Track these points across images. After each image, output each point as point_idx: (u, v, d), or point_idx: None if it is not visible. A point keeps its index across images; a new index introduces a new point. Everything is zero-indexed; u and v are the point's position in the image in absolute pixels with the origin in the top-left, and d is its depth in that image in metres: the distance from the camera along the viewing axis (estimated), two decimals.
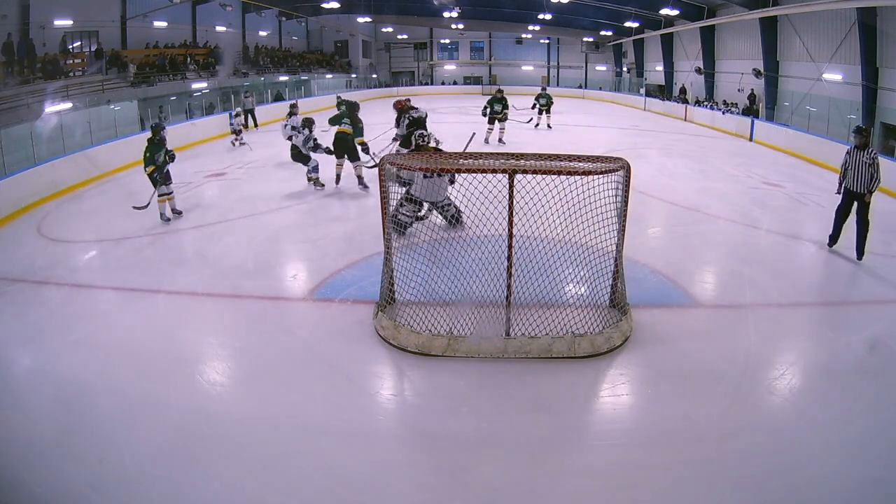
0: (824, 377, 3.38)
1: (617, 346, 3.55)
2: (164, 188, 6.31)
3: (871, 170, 5.18)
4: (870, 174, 5.18)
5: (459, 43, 31.46)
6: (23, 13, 13.02)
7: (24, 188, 7.35)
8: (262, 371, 3.39)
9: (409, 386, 3.31)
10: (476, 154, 4.05)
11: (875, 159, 5.18)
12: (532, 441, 2.78)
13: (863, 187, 5.19)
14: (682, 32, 20.78)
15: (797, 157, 11.25)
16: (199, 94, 16.56)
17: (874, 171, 5.18)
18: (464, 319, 3.61)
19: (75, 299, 4.44)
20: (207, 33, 19.79)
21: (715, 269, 5.09)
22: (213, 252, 5.36)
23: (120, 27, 15.86)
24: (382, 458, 2.67)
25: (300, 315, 4.14)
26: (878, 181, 5.24)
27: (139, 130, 11.25)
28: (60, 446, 2.71)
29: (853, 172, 5.31)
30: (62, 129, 8.98)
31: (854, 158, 5.29)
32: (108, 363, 3.46)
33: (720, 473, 2.55)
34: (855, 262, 5.17)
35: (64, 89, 12.96)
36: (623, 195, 3.88)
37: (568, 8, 21.51)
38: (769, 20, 15.33)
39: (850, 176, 5.33)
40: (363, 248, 5.24)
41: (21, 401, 3.16)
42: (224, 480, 2.50)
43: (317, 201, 7.16)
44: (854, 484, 2.50)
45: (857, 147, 5.30)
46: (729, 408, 3.05)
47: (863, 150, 5.23)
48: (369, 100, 24.57)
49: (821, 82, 14.06)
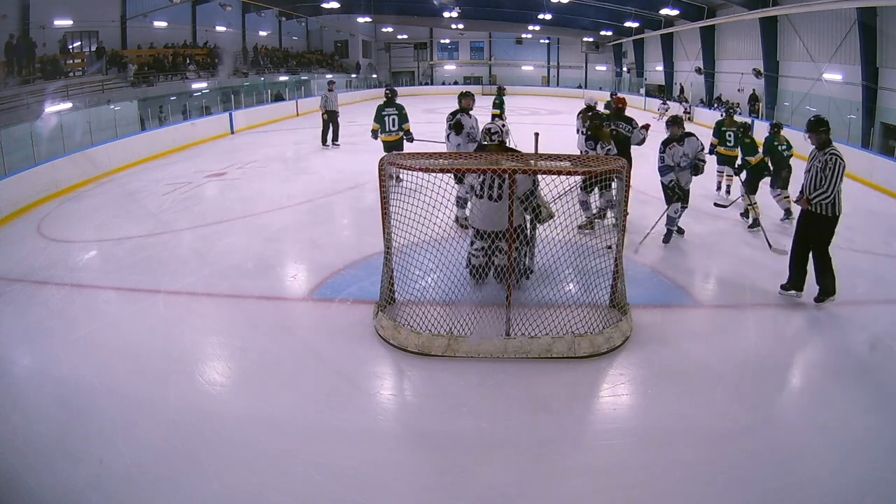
0: (824, 377, 3.38)
1: (617, 346, 3.55)
2: None
3: (822, 175, 3.99)
4: (818, 180, 4.01)
5: (459, 43, 31.49)
6: (23, 13, 13.02)
7: (24, 188, 7.34)
8: (262, 371, 3.39)
9: (409, 386, 3.30)
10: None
11: (829, 164, 3.95)
12: (532, 441, 2.77)
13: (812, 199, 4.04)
14: (682, 32, 20.79)
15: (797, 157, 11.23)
16: (199, 94, 16.56)
17: (825, 178, 3.96)
18: (464, 319, 3.60)
19: (75, 299, 4.44)
20: (207, 33, 19.80)
21: (715, 270, 5.09)
22: (213, 252, 5.36)
23: (120, 27, 15.87)
24: (382, 458, 2.67)
25: (300, 315, 4.14)
26: (826, 193, 3.94)
27: (139, 130, 11.27)
28: (60, 446, 2.71)
29: (806, 180, 4.12)
30: (62, 129, 8.98)
31: (811, 161, 4.16)
32: (108, 363, 3.46)
33: (720, 473, 2.55)
34: (855, 262, 5.14)
35: (64, 89, 12.97)
36: (623, 195, 3.89)
37: (568, 8, 21.54)
38: (769, 20, 15.34)
39: (804, 184, 4.13)
40: (363, 248, 5.24)
41: (21, 401, 3.15)
42: (224, 480, 2.50)
43: (317, 201, 7.16)
44: (854, 484, 2.50)
45: (815, 147, 4.15)
46: (729, 408, 3.05)
47: (820, 151, 4.08)
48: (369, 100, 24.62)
49: (821, 82, 14.06)
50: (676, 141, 5.42)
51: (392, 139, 7.35)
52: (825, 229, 4.08)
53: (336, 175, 8.62)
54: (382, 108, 7.44)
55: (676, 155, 5.39)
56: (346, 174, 8.60)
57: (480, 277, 4.21)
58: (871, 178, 9.00)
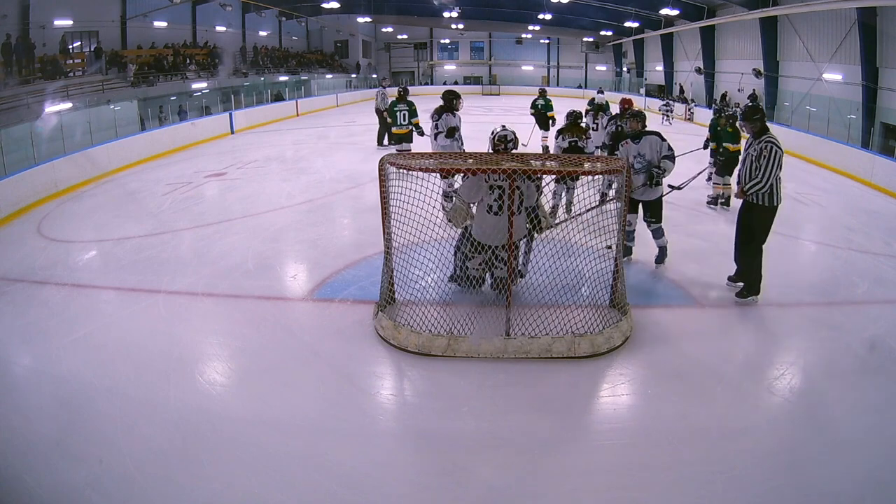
0: (824, 377, 3.38)
1: (617, 346, 3.55)
2: None
3: (757, 164, 3.85)
4: (753, 169, 3.88)
5: (459, 43, 31.50)
6: (23, 13, 13.02)
7: (24, 188, 7.34)
8: (262, 371, 3.39)
9: (409, 386, 3.30)
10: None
11: (765, 152, 3.80)
12: (532, 441, 2.77)
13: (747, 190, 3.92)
14: (682, 32, 20.80)
15: (797, 157, 11.25)
16: (199, 94, 16.56)
17: (759, 167, 3.83)
18: (464, 319, 3.60)
19: (75, 299, 4.44)
20: (207, 33, 19.80)
21: (715, 270, 5.07)
22: (213, 252, 5.35)
23: (120, 27, 15.87)
24: (382, 458, 2.67)
25: (300, 315, 4.14)
26: (760, 183, 3.82)
27: (139, 130, 11.27)
28: (60, 446, 2.71)
29: (742, 170, 4.02)
30: (62, 129, 8.98)
31: (746, 150, 4.02)
32: (108, 363, 3.46)
33: (720, 473, 2.55)
34: (855, 262, 5.14)
35: (64, 89, 12.96)
36: (623, 195, 3.89)
37: (568, 8, 21.56)
38: (769, 20, 15.34)
39: (740, 174, 4.03)
40: (363, 248, 5.24)
41: (21, 401, 3.16)
42: (224, 480, 2.50)
43: (317, 201, 7.16)
44: (854, 484, 2.50)
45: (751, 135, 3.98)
46: (729, 408, 3.05)
47: (756, 139, 3.93)
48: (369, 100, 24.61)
49: (821, 82, 14.07)
50: (631, 138, 4.79)
51: (402, 132, 8.17)
52: (760, 220, 3.97)
53: (336, 175, 8.62)
54: (395, 104, 8.18)
55: (630, 154, 4.73)
56: (346, 174, 8.61)
57: (476, 288, 4.12)
58: (871, 178, 9.01)
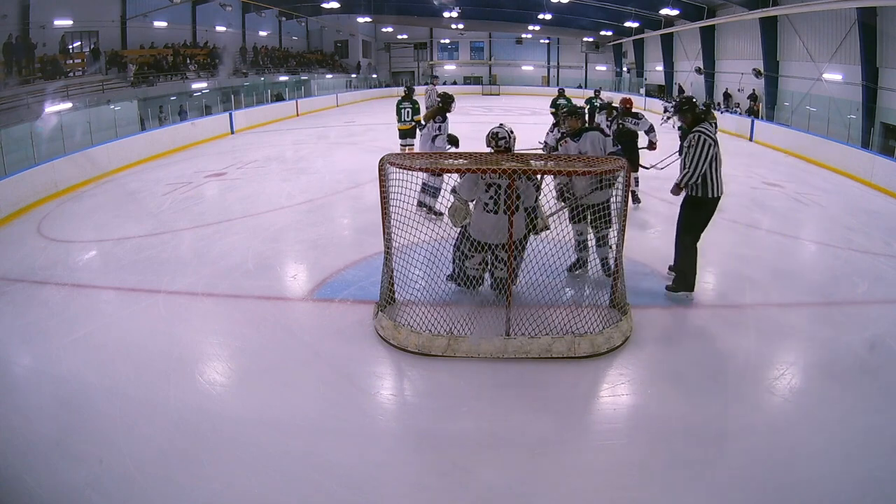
0: (824, 377, 3.38)
1: (617, 346, 3.55)
2: None
3: (686, 154, 3.84)
4: (684, 160, 3.87)
5: (459, 43, 31.50)
6: (23, 13, 13.02)
7: (24, 188, 7.34)
8: (262, 371, 3.39)
9: (409, 386, 3.30)
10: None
11: (693, 142, 3.79)
12: (532, 441, 2.77)
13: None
14: (682, 32, 20.79)
15: (797, 157, 11.25)
16: (199, 94, 16.56)
17: (687, 156, 3.81)
18: (464, 319, 3.60)
19: (75, 299, 4.44)
20: (207, 33, 19.80)
21: (715, 269, 5.08)
22: (213, 252, 5.35)
23: (120, 27, 15.87)
24: (382, 458, 2.67)
25: (300, 315, 4.14)
26: (689, 173, 3.79)
27: (139, 130, 11.28)
28: (60, 446, 2.71)
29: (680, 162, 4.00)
30: (62, 129, 8.99)
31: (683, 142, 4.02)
32: (108, 363, 3.46)
33: (720, 473, 2.55)
34: (855, 262, 5.14)
35: (64, 89, 12.96)
36: (623, 195, 3.89)
37: (568, 8, 21.56)
38: (769, 20, 15.34)
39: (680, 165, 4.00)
40: (363, 248, 5.24)
41: (21, 401, 3.15)
42: (224, 480, 2.50)
43: (317, 201, 7.16)
44: (854, 484, 2.50)
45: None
46: (729, 408, 3.05)
47: (689, 132, 3.95)
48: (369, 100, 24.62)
49: (821, 82, 14.06)
50: (570, 136, 4.60)
51: (406, 128, 8.48)
52: (692, 210, 3.96)
53: (336, 175, 8.63)
54: (401, 102, 8.44)
55: (570, 152, 4.56)
56: (346, 174, 8.61)
57: (475, 288, 4.10)
58: (871, 178, 9.01)
